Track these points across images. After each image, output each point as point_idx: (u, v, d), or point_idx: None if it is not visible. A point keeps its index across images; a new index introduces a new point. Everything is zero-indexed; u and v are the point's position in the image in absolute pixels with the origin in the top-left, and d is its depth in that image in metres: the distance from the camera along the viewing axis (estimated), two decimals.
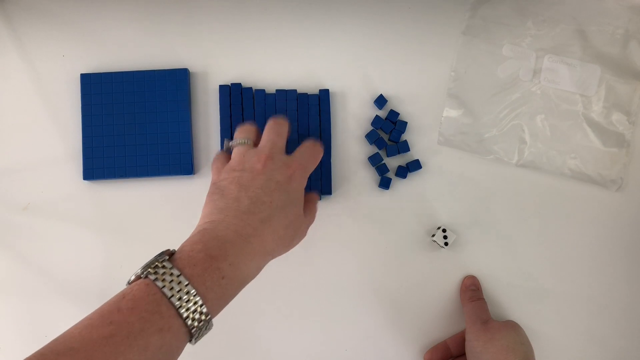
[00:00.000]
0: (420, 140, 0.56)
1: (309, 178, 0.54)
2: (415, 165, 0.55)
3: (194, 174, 0.55)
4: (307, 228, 0.47)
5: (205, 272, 0.37)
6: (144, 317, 0.34)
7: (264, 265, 0.42)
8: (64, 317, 0.54)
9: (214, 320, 0.38)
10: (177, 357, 0.36)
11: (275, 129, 0.47)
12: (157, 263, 0.36)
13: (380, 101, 0.55)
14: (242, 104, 0.55)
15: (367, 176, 0.56)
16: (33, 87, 0.56)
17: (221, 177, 0.44)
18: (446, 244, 0.53)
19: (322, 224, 0.55)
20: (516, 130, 0.56)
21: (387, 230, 0.55)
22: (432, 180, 0.56)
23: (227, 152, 0.48)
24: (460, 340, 0.54)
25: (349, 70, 0.56)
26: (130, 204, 0.55)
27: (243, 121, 0.55)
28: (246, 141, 0.46)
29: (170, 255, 0.38)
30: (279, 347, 0.55)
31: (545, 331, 0.55)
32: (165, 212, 0.55)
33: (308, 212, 0.47)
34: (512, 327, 0.50)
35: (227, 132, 0.55)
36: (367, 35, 0.56)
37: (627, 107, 0.56)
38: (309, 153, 0.47)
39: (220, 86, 0.55)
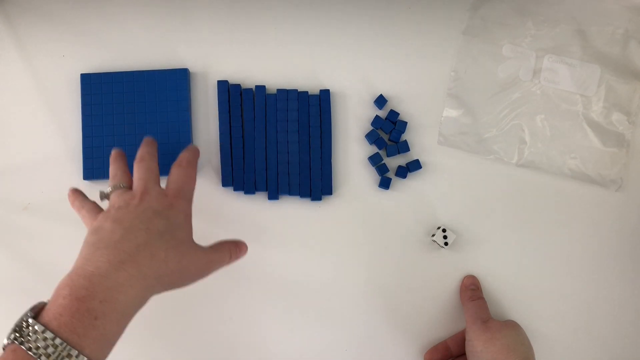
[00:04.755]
0: (420, 140, 0.56)
1: (310, 179, 0.54)
2: (415, 165, 0.55)
3: None
4: (210, 265, 0.43)
5: (73, 317, 0.34)
6: None
7: (147, 294, 0.38)
8: None
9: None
10: None
11: (143, 166, 0.45)
12: (22, 322, 0.34)
13: (380, 101, 0.55)
14: (241, 105, 0.55)
15: (367, 176, 0.56)
16: (33, 87, 0.56)
17: (97, 220, 0.42)
18: (446, 244, 0.53)
19: (323, 224, 0.55)
20: (516, 130, 0.56)
21: (387, 230, 0.56)
22: (432, 180, 0.56)
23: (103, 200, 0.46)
24: (460, 340, 0.54)
25: (349, 70, 0.56)
26: None
27: (242, 121, 0.55)
28: (121, 185, 0.44)
29: (42, 307, 0.36)
30: (279, 347, 0.55)
31: (545, 331, 0.55)
32: None
33: (216, 250, 0.44)
34: (513, 327, 0.50)
35: (226, 128, 0.55)
36: (367, 35, 0.56)
37: (627, 107, 0.56)
38: (183, 178, 0.45)
39: (219, 81, 0.55)
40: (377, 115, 0.55)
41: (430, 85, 0.56)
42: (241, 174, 0.55)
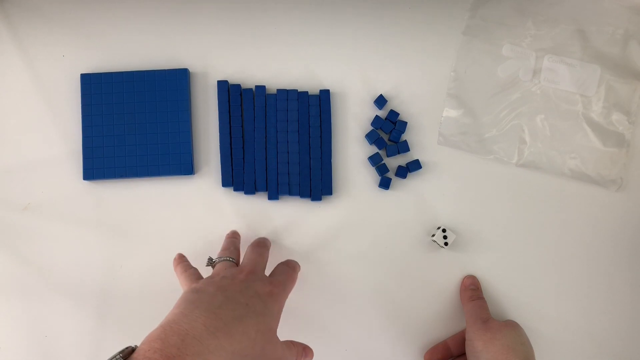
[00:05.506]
0: (420, 140, 0.56)
1: (310, 179, 0.54)
2: (415, 165, 0.55)
3: (194, 174, 0.55)
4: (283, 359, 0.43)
5: None
6: None
7: None
8: (64, 317, 0.54)
9: None
10: None
11: (257, 251, 0.48)
12: None
13: (380, 101, 0.55)
14: (241, 105, 0.55)
15: (367, 176, 0.56)
16: (33, 87, 0.56)
17: (199, 283, 0.43)
18: (446, 244, 0.53)
19: (323, 224, 0.55)
20: (516, 130, 0.56)
21: (387, 230, 0.56)
22: (432, 180, 0.56)
23: (208, 266, 0.48)
24: (460, 340, 0.54)
25: (349, 70, 0.56)
26: (130, 204, 0.55)
27: (242, 121, 0.55)
28: (230, 259, 0.47)
29: (130, 352, 0.35)
30: None
31: (545, 331, 0.55)
32: (165, 212, 0.55)
33: (287, 348, 0.44)
34: (513, 327, 0.50)
35: (225, 128, 0.55)
36: (367, 35, 0.56)
37: (627, 107, 0.56)
38: (287, 275, 0.47)
39: (219, 82, 0.55)
40: (377, 115, 0.55)
41: (430, 85, 0.56)
42: (241, 174, 0.55)
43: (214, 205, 0.55)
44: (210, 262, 0.48)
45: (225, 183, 0.55)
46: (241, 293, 0.41)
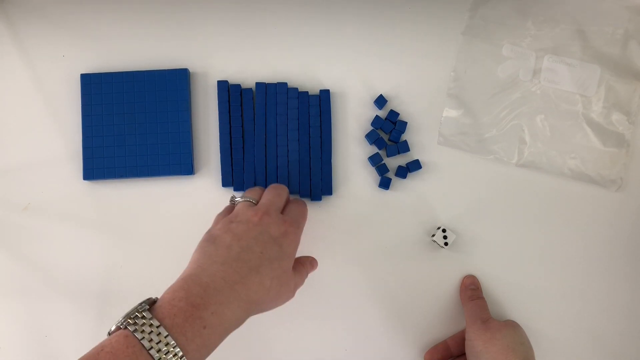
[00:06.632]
0: (420, 140, 0.56)
1: (310, 178, 0.54)
2: (415, 165, 0.55)
3: (194, 174, 0.55)
4: (296, 288, 0.46)
5: (186, 322, 0.36)
6: None
7: (247, 316, 0.41)
8: (64, 317, 0.55)
9: None
10: None
11: (276, 191, 0.48)
12: (137, 313, 0.36)
13: (380, 101, 0.55)
14: (241, 105, 0.55)
15: (367, 176, 0.56)
16: (33, 87, 0.56)
17: (217, 227, 0.45)
18: (446, 244, 0.53)
19: (323, 224, 0.55)
20: (516, 130, 0.56)
21: (387, 230, 0.56)
22: (432, 180, 0.56)
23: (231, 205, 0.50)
24: (460, 340, 0.54)
25: (349, 70, 0.56)
26: (130, 204, 0.55)
27: (242, 121, 0.55)
28: (250, 199, 0.47)
29: (152, 303, 0.38)
30: (279, 346, 0.55)
31: (545, 331, 0.55)
32: (165, 212, 0.55)
33: (298, 273, 0.47)
34: (513, 327, 0.50)
35: (225, 128, 0.55)
36: (367, 36, 0.56)
37: (627, 107, 0.56)
38: (299, 211, 0.49)
39: (219, 82, 0.55)
40: (377, 115, 0.55)
41: (430, 85, 0.56)
42: (241, 174, 0.55)
43: (214, 205, 0.55)
44: (233, 199, 0.49)
45: (225, 183, 0.55)
46: (256, 240, 0.43)
